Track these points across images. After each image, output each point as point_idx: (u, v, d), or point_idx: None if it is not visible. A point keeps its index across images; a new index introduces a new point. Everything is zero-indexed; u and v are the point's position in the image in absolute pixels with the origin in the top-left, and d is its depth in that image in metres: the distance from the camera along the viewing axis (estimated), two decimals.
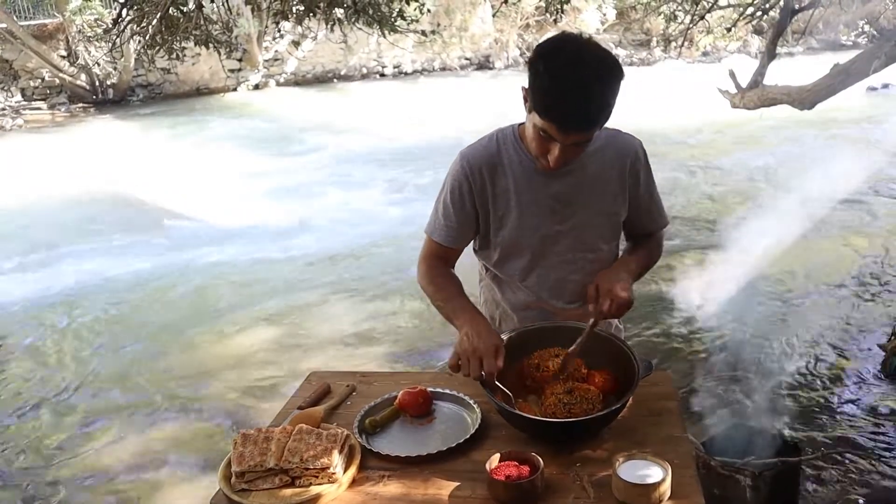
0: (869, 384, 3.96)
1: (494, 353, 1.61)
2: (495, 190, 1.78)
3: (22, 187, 9.86)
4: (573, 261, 1.83)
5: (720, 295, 5.27)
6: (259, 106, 15.93)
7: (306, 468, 1.50)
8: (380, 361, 4.67)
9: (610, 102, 1.54)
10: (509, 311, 1.94)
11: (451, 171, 1.82)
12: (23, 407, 4.42)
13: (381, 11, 5.91)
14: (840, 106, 7.86)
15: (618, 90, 1.54)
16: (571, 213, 1.78)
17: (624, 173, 1.79)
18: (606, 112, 1.56)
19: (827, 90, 5.58)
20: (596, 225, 1.81)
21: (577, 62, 1.52)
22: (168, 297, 6.00)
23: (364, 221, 7.65)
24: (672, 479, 1.40)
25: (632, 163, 1.79)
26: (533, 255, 1.83)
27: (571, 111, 1.53)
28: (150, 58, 9.83)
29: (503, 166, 1.77)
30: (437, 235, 1.85)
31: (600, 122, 1.57)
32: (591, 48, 1.54)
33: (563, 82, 1.51)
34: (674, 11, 7.99)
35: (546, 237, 1.80)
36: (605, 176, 1.78)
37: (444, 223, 1.84)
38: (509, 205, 1.78)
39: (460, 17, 18.94)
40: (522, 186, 1.76)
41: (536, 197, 1.76)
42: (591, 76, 1.51)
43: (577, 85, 1.50)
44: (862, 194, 7.44)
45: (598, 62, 1.52)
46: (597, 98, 1.53)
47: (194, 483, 3.55)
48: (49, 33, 16.47)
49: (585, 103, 1.52)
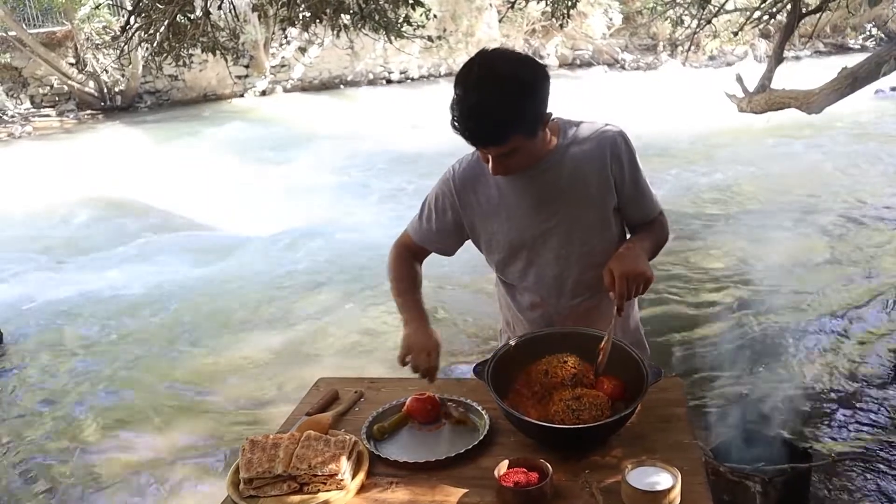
0: (881, 390, 3.93)
1: (427, 352, 1.78)
2: (480, 199, 1.85)
3: (31, 194, 9.91)
4: (566, 256, 1.85)
5: (729, 299, 5.26)
6: (266, 112, 15.98)
7: (314, 475, 1.50)
8: (388, 368, 4.66)
9: (511, 115, 1.57)
10: (518, 315, 1.98)
11: (441, 180, 1.91)
12: (24, 413, 4.44)
13: (387, 17, 5.92)
14: (848, 110, 7.84)
15: (519, 102, 1.58)
16: (556, 210, 1.80)
17: (605, 164, 1.79)
18: (512, 125, 1.59)
19: (835, 94, 5.55)
20: (582, 218, 1.82)
21: (474, 82, 1.57)
22: (174, 303, 6.01)
23: (371, 227, 7.64)
24: (681, 486, 1.39)
25: (612, 153, 1.78)
26: (528, 255, 1.86)
27: (472, 130, 1.59)
28: (157, 65, 9.91)
29: (486, 176, 1.81)
30: (411, 230, 1.97)
31: (507, 135, 1.60)
32: (496, 60, 1.59)
33: (461, 104, 1.57)
34: (680, 16, 7.98)
35: (536, 237, 1.83)
36: (585, 169, 1.78)
37: (424, 224, 1.93)
38: (498, 211, 1.84)
39: (466, 23, 18.99)
40: (506, 191, 1.81)
41: (520, 199, 1.81)
42: (484, 90, 1.55)
43: (470, 105, 1.56)
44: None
45: (493, 79, 1.56)
46: (494, 115, 1.56)
47: (202, 489, 3.56)
48: (58, 41, 16.60)
49: (482, 121, 1.57)
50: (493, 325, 5.06)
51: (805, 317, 4.90)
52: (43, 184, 10.43)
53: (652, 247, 1.84)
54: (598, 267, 1.82)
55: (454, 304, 5.56)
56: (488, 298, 5.54)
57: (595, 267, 1.82)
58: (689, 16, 7.80)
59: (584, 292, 1.88)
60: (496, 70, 1.57)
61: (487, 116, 1.57)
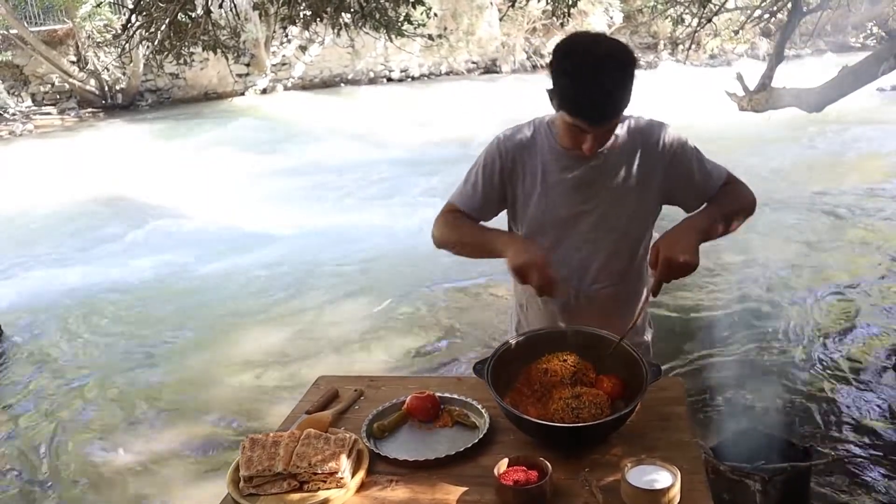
0: (881, 389, 3.93)
1: (544, 262, 1.72)
2: (526, 170, 1.86)
3: (32, 192, 9.91)
4: (595, 240, 1.86)
5: (729, 297, 5.26)
6: (267, 110, 15.97)
7: (314, 473, 1.50)
8: (388, 366, 4.67)
9: (628, 89, 1.64)
10: (534, 292, 1.94)
11: (486, 149, 1.91)
12: (25, 410, 4.45)
13: (387, 16, 5.93)
14: (848, 108, 7.83)
15: (633, 75, 1.64)
16: (594, 194, 1.83)
17: (652, 156, 1.83)
18: (627, 98, 1.65)
19: (835, 92, 5.56)
20: (619, 206, 1.84)
21: (592, 60, 1.62)
22: (174, 301, 6.02)
23: (371, 226, 7.65)
24: (681, 485, 1.39)
25: (658, 145, 1.83)
26: (556, 234, 1.87)
27: (596, 108, 1.64)
28: (158, 63, 9.91)
29: (535, 148, 1.85)
30: (456, 199, 1.94)
31: (623, 108, 1.67)
32: (601, 43, 1.65)
33: (582, 82, 1.62)
34: (681, 14, 7.97)
35: (568, 217, 1.85)
36: (630, 159, 1.82)
37: (470, 191, 1.91)
38: (535, 184, 1.85)
39: (467, 21, 18.96)
40: (549, 168, 1.84)
41: (561, 177, 1.83)
42: (606, 71, 1.61)
43: (595, 82, 1.61)
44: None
45: (609, 56, 1.62)
46: (616, 89, 1.62)
47: (202, 487, 3.56)
48: (59, 39, 16.60)
49: (606, 97, 1.63)
50: (494, 324, 5.07)
51: (806, 316, 4.90)
52: (44, 181, 10.43)
53: (721, 218, 1.82)
54: (623, 256, 1.86)
55: (454, 306, 5.58)
56: (487, 304, 5.55)
57: (620, 256, 1.86)
58: (690, 14, 7.79)
59: (604, 279, 1.89)
60: (610, 50, 1.63)
61: (611, 92, 1.62)
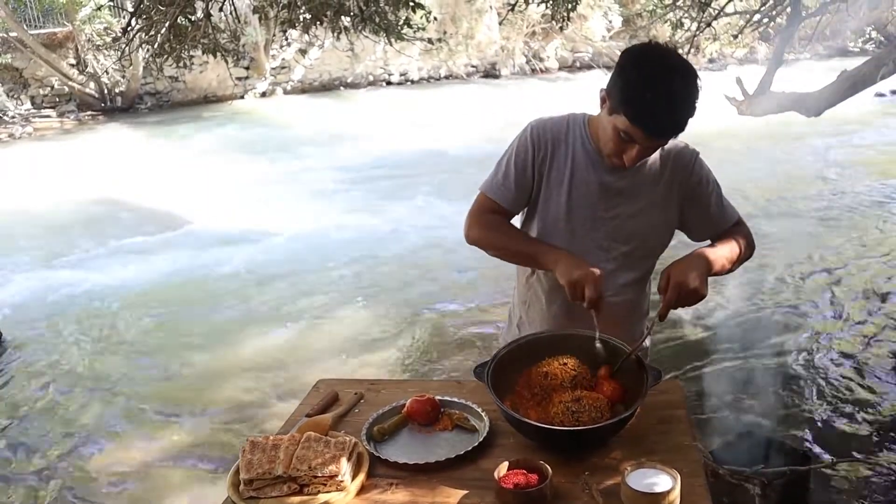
0: (882, 392, 3.93)
1: (598, 278, 1.70)
2: (553, 165, 1.84)
3: (31, 194, 9.92)
4: (608, 249, 1.86)
5: (730, 302, 5.26)
6: (266, 114, 15.99)
7: (314, 476, 1.50)
8: (388, 369, 4.66)
9: (695, 107, 1.62)
10: (539, 293, 1.97)
11: (518, 137, 1.88)
12: (28, 414, 4.44)
13: (387, 19, 5.93)
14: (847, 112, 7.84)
15: (697, 93, 1.61)
16: (616, 203, 1.83)
17: (680, 180, 1.84)
18: (688, 119, 1.63)
19: (834, 97, 5.56)
20: (637, 220, 1.84)
21: (667, 71, 1.59)
22: (175, 303, 6.02)
23: (371, 229, 7.66)
24: (681, 488, 1.39)
25: (687, 171, 1.84)
26: (569, 236, 1.86)
27: (663, 120, 1.61)
28: (158, 66, 9.93)
29: (567, 144, 1.83)
30: (492, 193, 1.89)
31: (682, 129, 1.64)
32: (675, 56, 1.62)
33: (654, 92, 1.58)
34: (680, 18, 7.97)
35: (585, 220, 1.84)
36: (658, 178, 1.83)
37: (503, 182, 1.87)
38: (562, 181, 1.84)
39: (466, 25, 18.99)
40: (578, 166, 1.82)
41: (587, 179, 1.82)
42: (679, 85, 1.59)
43: (667, 94, 1.58)
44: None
45: (683, 70, 1.60)
46: (686, 106, 1.60)
47: (202, 490, 3.56)
48: (59, 42, 16.60)
49: (677, 112, 1.60)
50: (495, 326, 5.06)
51: (806, 318, 4.91)
52: (43, 184, 10.44)
53: (728, 256, 1.82)
54: (631, 270, 1.86)
55: (454, 309, 5.58)
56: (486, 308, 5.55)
57: (628, 270, 1.86)
58: (689, 18, 7.79)
59: (609, 289, 1.86)
60: (679, 61, 1.61)
61: (682, 108, 1.59)
